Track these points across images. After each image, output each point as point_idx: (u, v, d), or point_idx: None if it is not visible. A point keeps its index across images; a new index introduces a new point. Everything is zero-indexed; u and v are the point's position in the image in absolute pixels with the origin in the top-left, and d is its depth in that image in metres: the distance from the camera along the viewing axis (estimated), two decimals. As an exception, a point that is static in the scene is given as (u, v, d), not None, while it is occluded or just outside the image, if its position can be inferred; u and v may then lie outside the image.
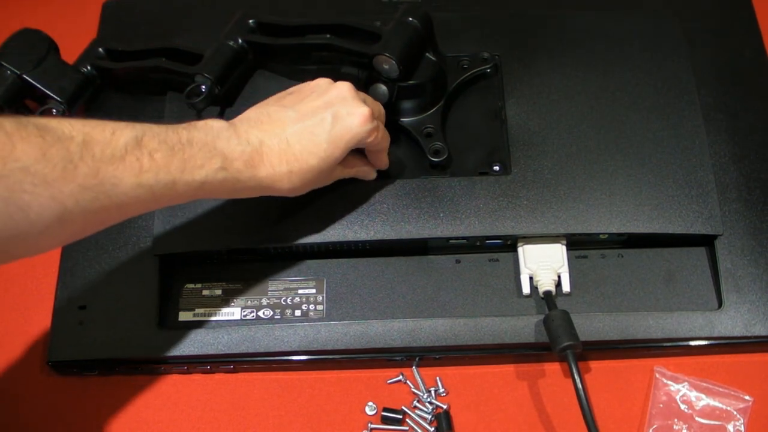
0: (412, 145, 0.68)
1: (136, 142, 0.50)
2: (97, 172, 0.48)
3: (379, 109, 0.63)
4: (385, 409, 0.63)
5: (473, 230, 0.64)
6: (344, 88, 0.60)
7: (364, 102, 0.60)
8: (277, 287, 0.66)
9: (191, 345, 0.63)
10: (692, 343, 0.63)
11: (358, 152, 0.64)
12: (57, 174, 0.46)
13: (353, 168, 0.64)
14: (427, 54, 0.66)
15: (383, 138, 0.62)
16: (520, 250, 0.65)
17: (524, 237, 0.65)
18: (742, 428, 0.61)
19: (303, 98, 0.59)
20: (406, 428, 0.62)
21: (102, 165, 0.48)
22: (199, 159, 0.53)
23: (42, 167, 0.46)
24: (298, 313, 0.65)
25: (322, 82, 0.61)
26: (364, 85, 0.67)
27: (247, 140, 0.55)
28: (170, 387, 0.64)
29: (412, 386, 0.64)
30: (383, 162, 0.65)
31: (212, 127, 0.55)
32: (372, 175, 0.66)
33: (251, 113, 0.59)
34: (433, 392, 0.63)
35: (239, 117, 0.58)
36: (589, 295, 0.64)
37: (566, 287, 0.64)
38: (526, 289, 0.64)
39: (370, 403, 0.63)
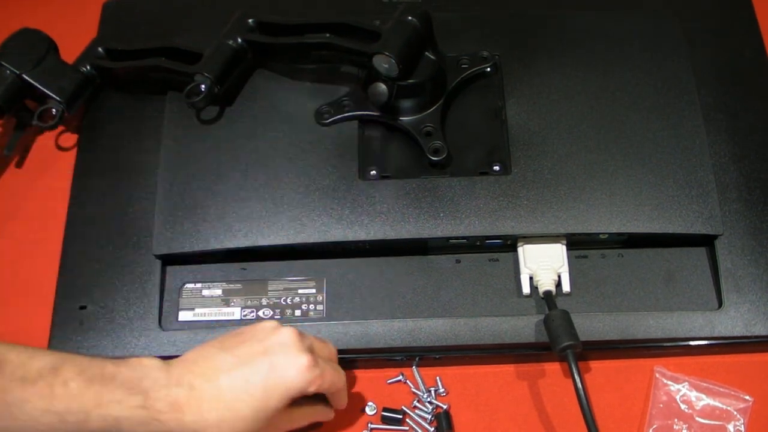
0: (411, 144, 0.68)
1: (52, 368, 0.50)
2: (5, 391, 0.49)
3: (329, 352, 0.59)
4: (385, 409, 0.63)
5: (473, 230, 0.64)
6: (286, 334, 0.56)
7: (309, 349, 0.56)
8: (277, 287, 0.65)
9: (191, 345, 0.62)
10: (692, 343, 0.63)
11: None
12: None
13: (306, 416, 0.59)
14: (426, 53, 0.66)
15: (332, 383, 0.57)
16: (520, 249, 0.65)
17: (524, 237, 0.65)
18: (742, 428, 0.61)
19: (243, 341, 0.56)
20: (406, 428, 0.62)
21: (11, 385, 0.49)
22: (118, 394, 0.51)
23: None
24: (298, 312, 0.65)
25: (267, 326, 0.57)
26: (363, 83, 0.67)
27: (178, 382, 0.53)
28: (170, 387, 0.64)
29: (412, 386, 0.64)
30: (339, 402, 0.61)
31: (143, 364, 0.53)
32: (329, 415, 0.61)
33: (190, 354, 0.56)
34: (433, 392, 0.63)
35: (180, 357, 0.55)
36: (589, 295, 0.64)
37: (566, 287, 0.64)
38: (526, 289, 0.64)
39: (370, 403, 0.63)
